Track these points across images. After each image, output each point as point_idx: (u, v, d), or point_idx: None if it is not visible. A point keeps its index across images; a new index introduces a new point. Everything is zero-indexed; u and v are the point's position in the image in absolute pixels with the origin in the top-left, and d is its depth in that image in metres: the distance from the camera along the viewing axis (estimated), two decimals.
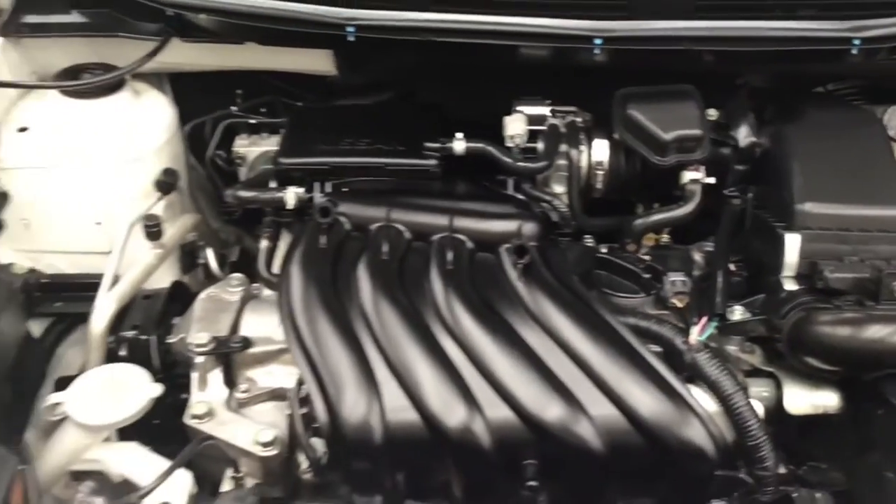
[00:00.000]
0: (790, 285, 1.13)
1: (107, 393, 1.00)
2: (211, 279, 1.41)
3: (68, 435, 1.01)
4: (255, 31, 1.32)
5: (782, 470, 1.08)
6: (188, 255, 1.42)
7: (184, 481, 0.99)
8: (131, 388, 1.01)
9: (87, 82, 1.38)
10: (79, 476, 1.03)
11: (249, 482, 1.11)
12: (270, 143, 1.45)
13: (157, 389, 1.02)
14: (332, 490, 1.10)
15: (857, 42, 1.17)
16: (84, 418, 0.97)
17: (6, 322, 1.06)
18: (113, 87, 1.41)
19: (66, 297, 1.33)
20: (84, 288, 1.34)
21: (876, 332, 1.05)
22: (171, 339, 1.21)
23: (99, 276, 1.33)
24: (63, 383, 1.18)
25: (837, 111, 1.29)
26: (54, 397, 1.00)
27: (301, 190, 1.25)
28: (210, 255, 1.43)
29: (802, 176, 1.17)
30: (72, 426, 0.99)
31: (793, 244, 1.13)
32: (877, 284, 1.07)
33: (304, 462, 1.12)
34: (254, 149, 1.47)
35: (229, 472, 1.12)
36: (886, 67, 1.24)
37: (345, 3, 1.22)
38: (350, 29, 1.22)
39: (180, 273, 1.42)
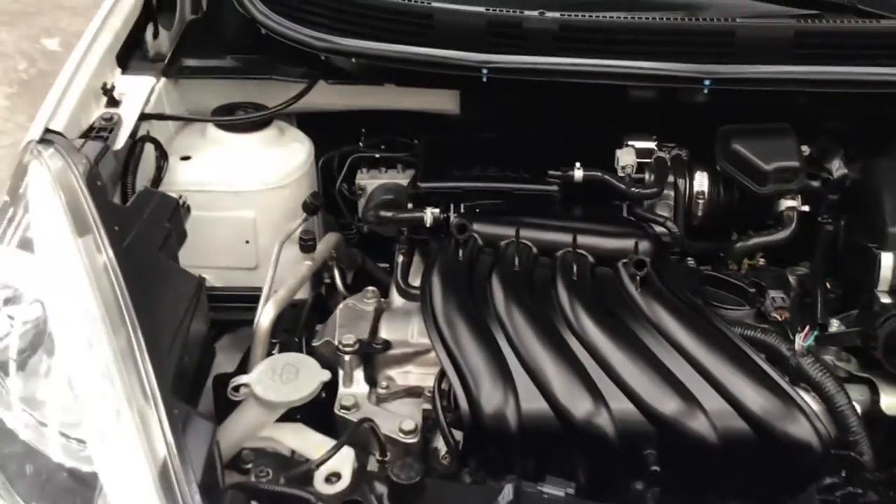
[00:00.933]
0: (885, 299, 1.26)
1: (284, 377, 1.15)
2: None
3: (250, 412, 1.16)
4: (398, 74, 1.50)
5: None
6: (317, 273, 1.59)
7: (347, 456, 1.13)
8: (304, 374, 1.16)
9: (242, 118, 1.57)
10: (252, 452, 1.17)
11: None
12: (387, 177, 1.64)
13: (327, 375, 1.17)
14: (463, 476, 1.23)
15: None
16: (269, 396, 1.13)
17: (197, 321, 1.22)
18: (262, 123, 1.60)
19: (215, 306, 1.50)
20: (231, 299, 1.53)
21: None
22: (315, 343, 1.37)
23: (244, 289, 1.51)
24: (220, 380, 1.35)
25: None
26: (240, 379, 1.16)
27: (437, 210, 1.42)
28: (337, 274, 1.60)
29: (892, 203, 1.31)
30: (253, 405, 1.15)
31: (888, 262, 1.27)
32: None
33: (441, 450, 1.26)
34: (373, 181, 1.65)
35: (374, 458, 1.25)
36: None
37: (480, 49, 1.40)
38: (484, 71, 1.40)
39: (310, 288, 1.59)
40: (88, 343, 1.04)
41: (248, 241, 1.54)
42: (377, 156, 1.65)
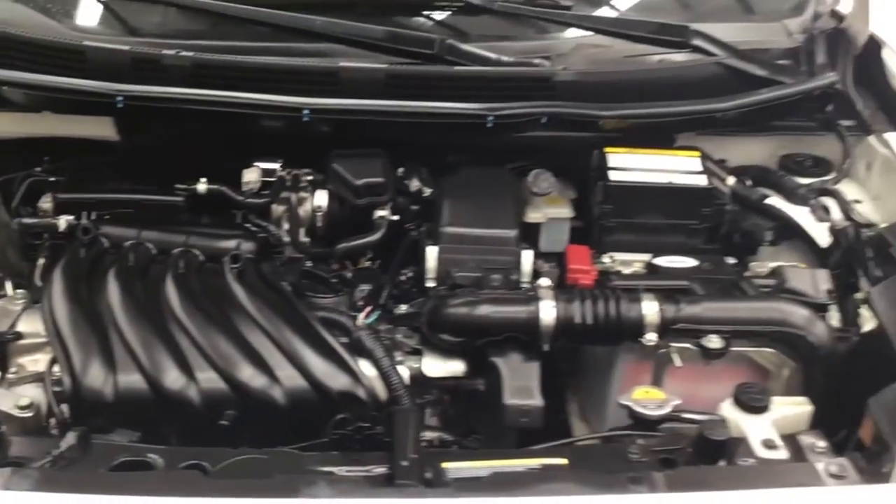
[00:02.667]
0: (430, 284, 1.54)
1: None
2: None
3: None
4: (48, 102, 1.70)
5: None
6: None
7: None
8: None
9: None
10: None
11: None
12: None
13: None
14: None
15: (490, 119, 1.64)
16: None
17: None
18: None
19: None
20: None
21: (481, 309, 1.46)
22: None
23: None
24: None
25: (479, 169, 1.74)
26: None
27: (71, 217, 1.61)
28: (8, 285, 1.75)
29: (447, 209, 1.61)
30: None
31: (433, 254, 1.56)
32: (484, 280, 1.50)
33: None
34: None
35: None
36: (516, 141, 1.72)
37: (126, 81, 1.62)
38: (119, 98, 1.62)
39: None
40: None
41: None
42: (52, 179, 1.83)
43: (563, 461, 1.25)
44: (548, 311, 1.45)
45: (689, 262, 1.65)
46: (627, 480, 1.15)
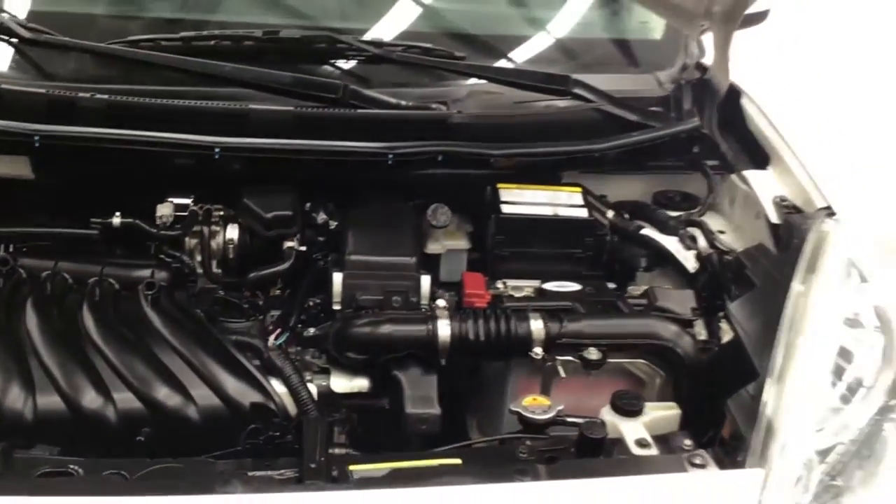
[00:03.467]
0: (336, 307, 1.66)
1: None
2: None
3: None
4: None
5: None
6: None
7: None
8: None
9: None
10: None
11: None
12: None
13: None
14: None
15: (390, 156, 1.78)
16: None
17: None
18: None
19: None
20: None
21: (383, 328, 1.59)
22: None
23: None
24: None
25: (381, 203, 1.88)
26: None
27: None
28: None
29: (352, 239, 1.74)
30: None
31: (338, 280, 1.68)
32: (385, 303, 1.63)
33: None
34: None
35: None
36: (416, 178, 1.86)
37: (39, 121, 1.70)
38: (36, 138, 1.70)
39: None
40: None
41: None
42: None
43: (458, 461, 1.38)
44: (444, 329, 1.59)
45: (573, 286, 1.82)
46: (514, 472, 1.29)
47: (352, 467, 1.33)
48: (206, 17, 2.12)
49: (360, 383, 1.61)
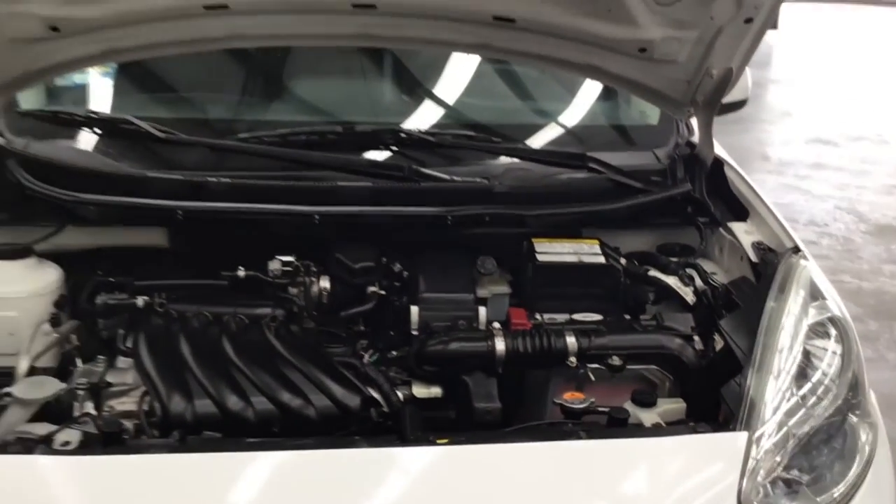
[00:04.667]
0: (415, 332, 2.14)
1: (35, 387, 1.83)
2: None
3: (12, 411, 1.81)
4: (120, 217, 2.28)
5: None
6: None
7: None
8: (48, 385, 1.85)
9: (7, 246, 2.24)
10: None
11: None
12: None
13: (63, 385, 1.86)
14: None
15: (449, 218, 2.29)
16: (26, 396, 1.79)
17: None
18: (25, 254, 2.28)
19: None
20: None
21: (453, 346, 2.06)
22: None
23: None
24: None
25: (443, 253, 2.36)
26: (4, 389, 1.81)
27: (147, 297, 2.17)
28: (78, 360, 2.24)
29: (422, 281, 2.24)
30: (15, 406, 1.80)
31: (415, 311, 2.17)
32: (453, 326, 2.12)
33: None
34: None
35: None
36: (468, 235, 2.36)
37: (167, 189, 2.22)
38: (179, 212, 2.21)
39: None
40: None
41: (11, 334, 2.18)
42: (111, 280, 2.38)
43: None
44: (500, 345, 2.06)
45: (597, 316, 2.28)
46: (561, 434, 1.74)
47: (438, 441, 1.78)
48: (293, 118, 2.68)
49: (436, 390, 2.07)
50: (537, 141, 2.74)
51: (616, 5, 2.18)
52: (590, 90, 2.93)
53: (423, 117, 2.73)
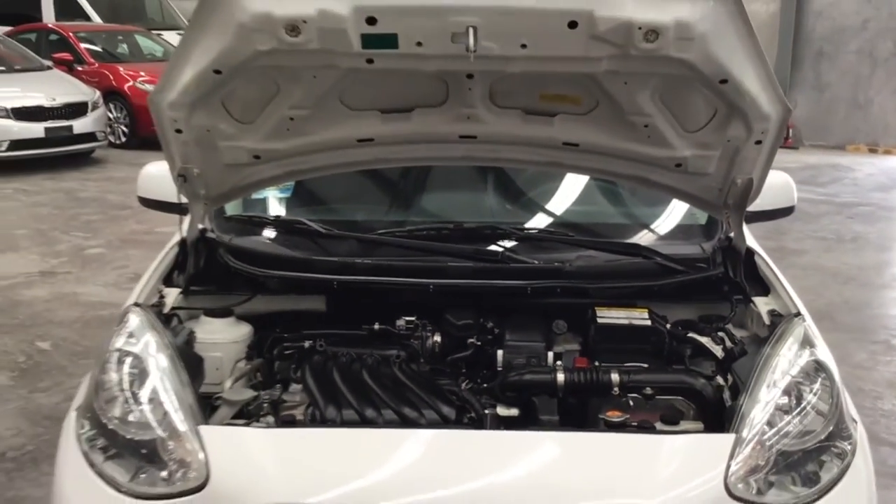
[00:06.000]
0: (500, 367, 2.91)
1: (236, 392, 2.72)
2: None
3: (223, 409, 2.69)
4: (294, 288, 3.19)
5: None
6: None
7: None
8: (245, 394, 2.74)
9: (214, 309, 3.18)
10: None
11: None
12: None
13: (253, 393, 2.74)
14: None
15: (529, 288, 3.08)
16: (233, 398, 2.68)
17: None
18: (227, 314, 3.21)
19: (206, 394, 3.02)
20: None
21: (527, 377, 2.81)
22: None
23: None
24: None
25: (523, 315, 3.14)
26: (218, 394, 2.71)
27: (311, 342, 3.04)
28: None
29: (508, 333, 3.01)
30: (225, 406, 2.69)
31: (500, 354, 2.93)
32: (528, 363, 2.88)
33: None
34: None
35: None
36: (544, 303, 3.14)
37: (326, 268, 3.12)
38: (335, 283, 3.10)
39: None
40: None
41: (217, 368, 3.08)
42: (285, 335, 3.26)
43: None
44: (560, 376, 2.78)
45: (644, 366, 2.97)
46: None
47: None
48: (418, 218, 3.59)
49: (513, 411, 2.81)
50: (606, 236, 3.53)
51: (654, 133, 2.96)
52: (652, 198, 3.71)
53: (516, 217, 3.58)
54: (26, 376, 5.71)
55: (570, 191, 3.75)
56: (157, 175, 3.76)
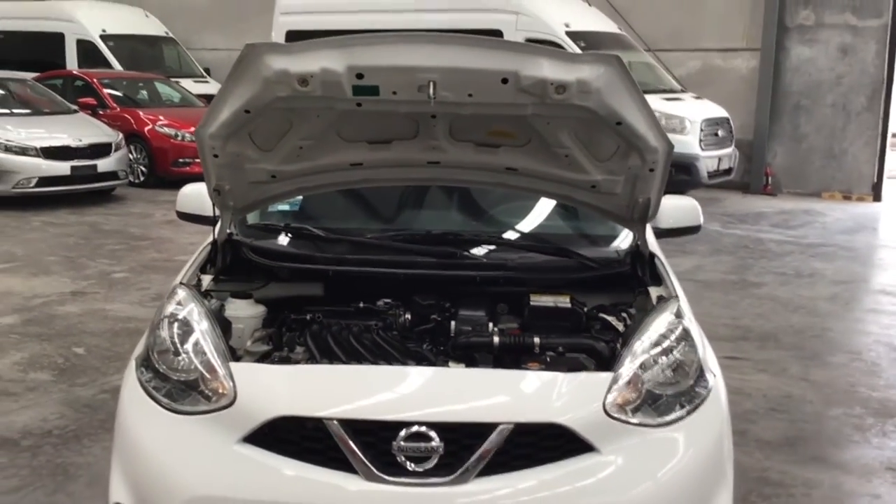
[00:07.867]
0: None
1: None
2: None
3: None
4: (298, 276, 4.15)
5: None
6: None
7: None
8: None
9: (240, 290, 4.14)
10: None
11: None
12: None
13: None
14: None
15: (477, 278, 4.04)
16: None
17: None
18: (246, 297, 4.16)
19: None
20: None
21: (473, 339, 3.76)
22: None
23: None
24: None
25: (471, 298, 4.12)
26: None
27: (311, 315, 3.99)
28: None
29: (461, 310, 3.98)
30: None
31: (453, 326, 3.89)
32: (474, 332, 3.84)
33: None
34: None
35: None
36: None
37: (324, 262, 4.09)
38: (330, 272, 4.06)
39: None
40: None
41: (239, 337, 4.01)
42: (292, 316, 4.19)
43: None
44: (496, 339, 3.72)
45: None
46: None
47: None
48: (396, 226, 4.58)
49: (461, 366, 3.74)
50: (543, 242, 4.50)
51: (574, 161, 3.92)
52: (582, 214, 4.69)
53: (474, 227, 4.59)
54: (66, 374, 6.50)
55: (518, 207, 4.74)
56: (191, 194, 4.80)
